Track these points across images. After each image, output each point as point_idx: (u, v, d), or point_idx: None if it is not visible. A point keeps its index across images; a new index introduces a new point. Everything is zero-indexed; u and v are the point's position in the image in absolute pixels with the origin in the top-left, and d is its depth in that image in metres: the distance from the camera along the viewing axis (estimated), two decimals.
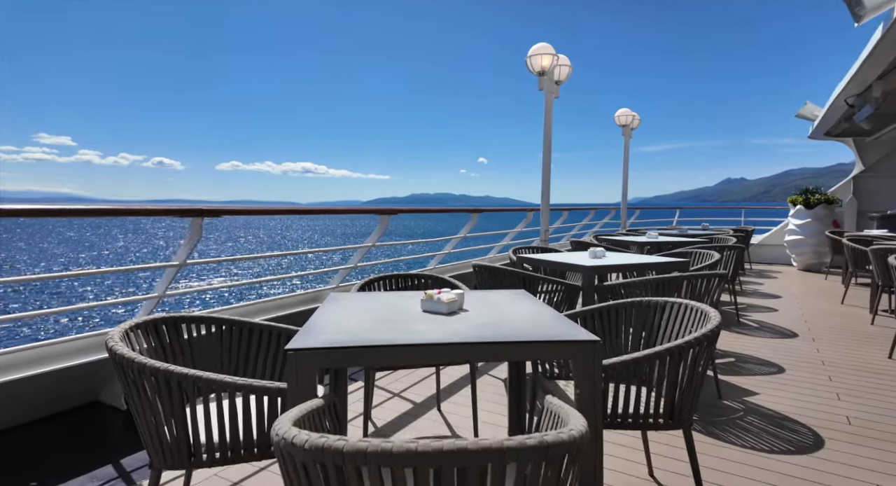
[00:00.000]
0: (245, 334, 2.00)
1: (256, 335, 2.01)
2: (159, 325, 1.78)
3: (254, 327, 2.01)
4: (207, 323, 1.93)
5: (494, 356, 1.51)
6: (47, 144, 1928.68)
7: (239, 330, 2.00)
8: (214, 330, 1.96)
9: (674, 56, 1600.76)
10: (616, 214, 9.60)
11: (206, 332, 1.94)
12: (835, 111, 7.15)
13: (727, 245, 5.15)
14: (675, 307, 2.12)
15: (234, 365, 1.97)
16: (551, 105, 6.14)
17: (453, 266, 5.34)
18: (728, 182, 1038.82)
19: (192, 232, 2.43)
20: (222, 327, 1.97)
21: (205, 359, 1.91)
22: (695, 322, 1.97)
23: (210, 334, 1.95)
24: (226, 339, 1.97)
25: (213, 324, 1.94)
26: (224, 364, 1.95)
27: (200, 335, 1.92)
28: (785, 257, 9.56)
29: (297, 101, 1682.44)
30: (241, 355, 1.98)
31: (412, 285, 2.95)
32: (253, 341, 2.01)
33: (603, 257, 3.90)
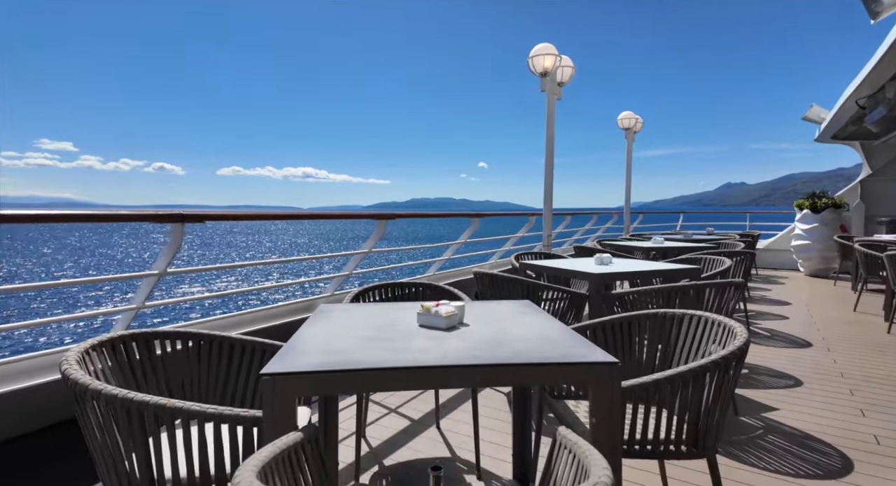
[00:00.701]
0: (225, 350, 1.83)
1: (238, 351, 1.84)
2: (128, 342, 1.61)
3: (235, 342, 1.84)
4: (183, 338, 1.76)
5: (498, 380, 1.34)
6: (49, 149, 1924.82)
7: (218, 346, 1.83)
8: (192, 345, 1.79)
9: (673, 61, 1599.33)
10: (619, 218, 9.43)
11: (182, 347, 1.77)
12: (844, 113, 7.00)
13: (737, 251, 4.98)
14: (693, 321, 1.95)
15: (213, 386, 1.80)
16: (554, 107, 6.00)
17: (454, 272, 5.17)
18: (728, 186, 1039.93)
19: (173, 239, 2.27)
20: (200, 342, 1.80)
21: (179, 379, 1.74)
22: (717, 338, 1.81)
23: (186, 351, 1.78)
24: (203, 356, 1.80)
25: (189, 339, 1.77)
26: (201, 385, 1.78)
27: (176, 352, 1.76)
28: (791, 262, 9.39)
29: (297, 105, 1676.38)
30: (221, 374, 1.81)
31: (409, 295, 2.78)
32: (234, 358, 1.84)
33: (609, 264, 3.74)
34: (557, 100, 6.14)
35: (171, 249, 2.28)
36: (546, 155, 5.89)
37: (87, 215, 2.04)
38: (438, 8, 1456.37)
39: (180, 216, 2.19)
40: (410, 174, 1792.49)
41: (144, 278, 2.31)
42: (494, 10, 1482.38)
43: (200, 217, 2.28)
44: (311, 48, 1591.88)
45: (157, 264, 2.29)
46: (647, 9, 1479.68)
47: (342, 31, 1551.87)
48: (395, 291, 2.75)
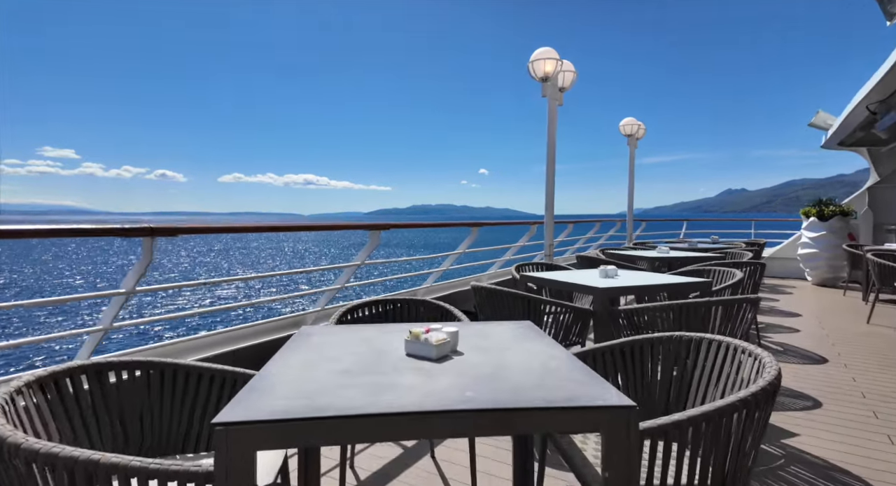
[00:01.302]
0: (192, 379, 1.64)
1: (206, 381, 1.65)
2: (75, 375, 1.42)
3: (203, 371, 1.65)
4: (143, 368, 1.57)
5: (496, 428, 1.14)
6: (51, 156, 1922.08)
7: (184, 375, 1.64)
8: (153, 374, 1.60)
9: (673, 68, 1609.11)
10: (621, 226, 9.25)
11: (141, 376, 1.58)
12: (854, 119, 6.84)
13: (747, 262, 4.79)
14: (713, 346, 1.76)
15: (176, 423, 1.61)
16: (555, 113, 5.84)
17: (452, 283, 4.98)
18: (729, 193, 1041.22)
19: (143, 254, 2.09)
20: (162, 372, 1.61)
21: (136, 416, 1.55)
22: (741, 367, 1.61)
23: (147, 381, 1.59)
24: (166, 387, 1.61)
25: (149, 369, 1.58)
26: (163, 421, 1.59)
27: (133, 382, 1.57)
28: (798, 271, 9.18)
29: (299, 113, 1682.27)
30: (186, 407, 1.62)
31: (401, 312, 2.59)
32: (201, 389, 1.65)
33: (615, 277, 3.55)
34: (559, 105, 5.99)
35: (141, 264, 2.10)
36: (547, 162, 5.73)
37: (47, 230, 1.86)
38: (439, 14, 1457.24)
39: (149, 230, 2.01)
40: (411, 181, 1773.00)
41: (113, 297, 2.13)
42: (494, 17, 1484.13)
43: (172, 230, 2.09)
44: (312, 56, 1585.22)
45: (126, 281, 2.11)
46: (646, 14, 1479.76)
47: (342, 41, 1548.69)
48: (386, 308, 2.56)
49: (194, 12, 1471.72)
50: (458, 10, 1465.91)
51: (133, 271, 2.12)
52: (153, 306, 22.00)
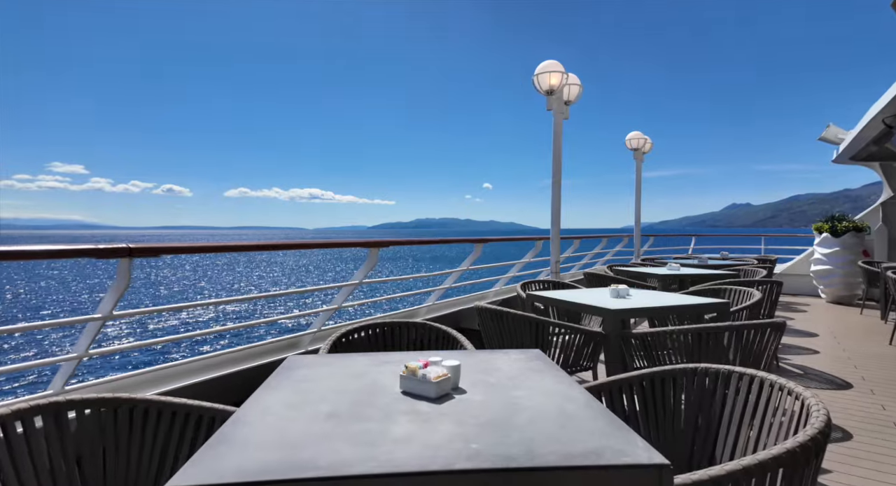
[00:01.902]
0: (165, 417, 1.48)
1: (180, 419, 1.49)
2: (27, 418, 1.26)
3: (177, 408, 1.49)
4: (108, 406, 1.41)
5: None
6: (61, 172, 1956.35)
7: (156, 414, 1.47)
8: (120, 412, 1.44)
9: (677, 82, 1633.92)
10: (629, 241, 9.07)
11: (107, 413, 1.42)
12: (868, 133, 6.68)
13: (762, 280, 4.60)
14: (744, 382, 1.58)
15: (146, 466, 1.44)
16: (560, 127, 5.72)
17: (454, 302, 4.81)
18: (734, 207, 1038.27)
19: (120, 276, 1.94)
20: (131, 410, 1.45)
21: (97, 458, 1.38)
22: (778, 408, 1.43)
23: (114, 419, 1.43)
24: (136, 425, 1.45)
25: (116, 407, 1.42)
26: (130, 465, 1.42)
27: (97, 420, 1.40)
28: (811, 288, 8.94)
29: (305, 128, 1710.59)
30: (157, 449, 1.45)
31: (400, 336, 2.42)
32: (175, 429, 1.48)
33: (627, 297, 3.37)
34: (564, 119, 5.87)
35: (118, 287, 1.95)
36: (553, 177, 5.59)
37: (16, 253, 1.72)
38: (443, 31, 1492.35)
39: (126, 250, 1.86)
40: (415, 195, 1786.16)
41: (88, 323, 1.97)
42: (499, 32, 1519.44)
43: (153, 250, 1.95)
44: (317, 71, 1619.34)
45: (102, 305, 1.96)
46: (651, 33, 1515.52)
47: (348, 52, 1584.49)
48: (384, 332, 2.39)
49: (200, 30, 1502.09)
50: (461, 25, 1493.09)
51: (109, 294, 1.97)
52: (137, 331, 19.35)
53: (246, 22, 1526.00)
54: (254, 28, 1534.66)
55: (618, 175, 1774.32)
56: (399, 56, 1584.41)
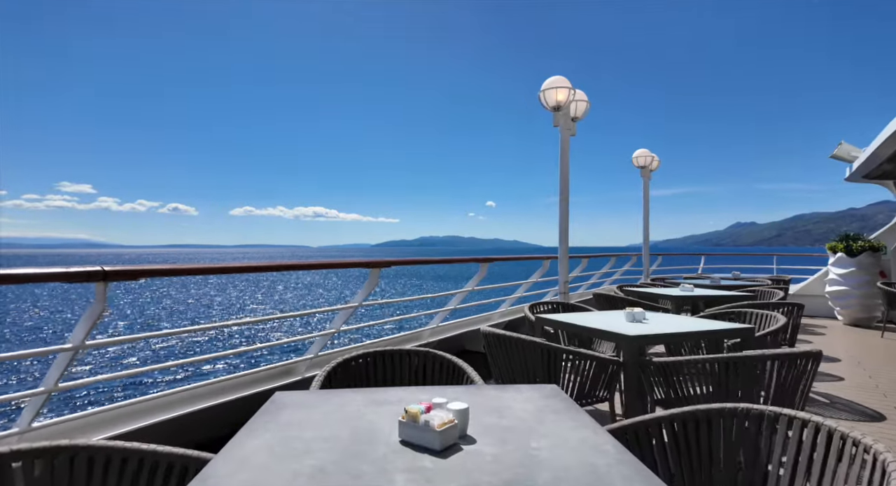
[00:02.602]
0: (130, 469, 1.29)
1: (148, 471, 1.30)
2: None
3: (146, 456, 1.30)
4: (64, 454, 1.22)
5: None
6: (69, 191, 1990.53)
7: (120, 463, 1.28)
8: (78, 461, 1.25)
9: (680, 103, 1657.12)
10: (637, 260, 8.86)
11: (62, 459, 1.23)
12: (884, 151, 6.52)
13: (783, 302, 4.38)
14: (796, 426, 1.38)
15: None
16: (568, 143, 5.59)
17: (459, 324, 4.61)
18: (738, 226, 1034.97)
19: (95, 302, 1.77)
20: (91, 458, 1.26)
21: None
22: (840, 464, 1.22)
23: (69, 473, 1.24)
24: (95, 479, 1.25)
25: (73, 456, 1.23)
26: None
27: (55, 475, 1.22)
28: (826, 310, 8.66)
29: (309, 147, 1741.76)
30: None
31: (401, 366, 2.23)
32: (141, 481, 1.29)
33: (644, 321, 3.16)
34: (571, 135, 5.75)
35: (92, 314, 1.77)
36: (560, 194, 5.44)
37: None
38: (446, 50, 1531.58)
39: (101, 273, 1.68)
40: (419, 213, 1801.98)
41: (59, 354, 1.79)
42: (500, 50, 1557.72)
43: (131, 273, 1.77)
44: (322, 92, 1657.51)
45: (74, 334, 1.78)
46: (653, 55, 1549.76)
47: (353, 76, 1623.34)
48: (384, 360, 2.20)
49: (202, 52, 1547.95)
50: (464, 45, 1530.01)
51: (83, 321, 1.79)
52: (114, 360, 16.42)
53: (249, 42, 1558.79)
54: (257, 47, 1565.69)
55: (620, 192, 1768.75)
56: (402, 75, 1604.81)
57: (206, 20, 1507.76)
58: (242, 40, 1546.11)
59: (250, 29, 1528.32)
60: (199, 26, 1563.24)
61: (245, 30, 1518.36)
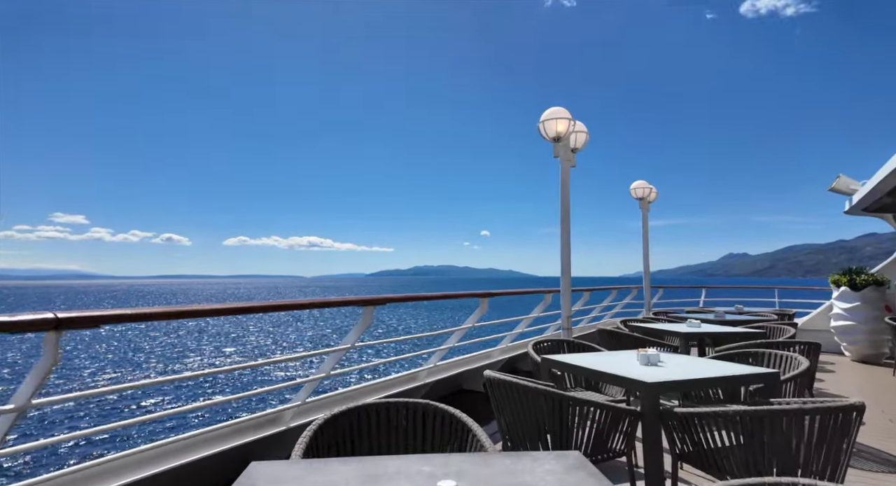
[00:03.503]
0: None
1: None
2: None
3: None
4: None
5: None
6: (62, 222, 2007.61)
7: None
8: None
9: (673, 136, 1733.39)
10: (638, 293, 8.66)
11: None
12: (885, 185, 6.46)
13: (797, 341, 4.17)
14: None
15: None
16: (568, 174, 5.48)
17: (458, 362, 4.34)
18: (731, 257, 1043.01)
19: (46, 354, 1.52)
20: None
21: None
22: None
23: None
24: None
25: None
26: None
27: None
28: (832, 345, 8.44)
29: (304, 176, 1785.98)
30: None
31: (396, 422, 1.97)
32: None
33: (659, 364, 2.93)
34: (572, 167, 5.65)
35: (42, 368, 1.52)
36: (561, 226, 5.27)
37: None
38: (440, 79, 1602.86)
39: (53, 321, 1.44)
40: (414, 243, 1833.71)
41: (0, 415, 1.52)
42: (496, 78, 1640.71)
43: (90, 320, 1.52)
44: (319, 121, 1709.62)
45: (20, 392, 1.53)
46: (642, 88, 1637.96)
47: (347, 105, 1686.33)
48: (378, 416, 1.95)
49: (199, 80, 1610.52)
50: (458, 70, 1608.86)
51: (31, 376, 1.54)
52: (71, 419, 13.42)
53: (243, 71, 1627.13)
54: (251, 75, 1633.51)
55: (615, 222, 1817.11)
56: (401, 107, 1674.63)
57: (199, 49, 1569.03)
58: (238, 69, 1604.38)
59: (246, 56, 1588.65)
60: (192, 55, 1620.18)
61: (242, 57, 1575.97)
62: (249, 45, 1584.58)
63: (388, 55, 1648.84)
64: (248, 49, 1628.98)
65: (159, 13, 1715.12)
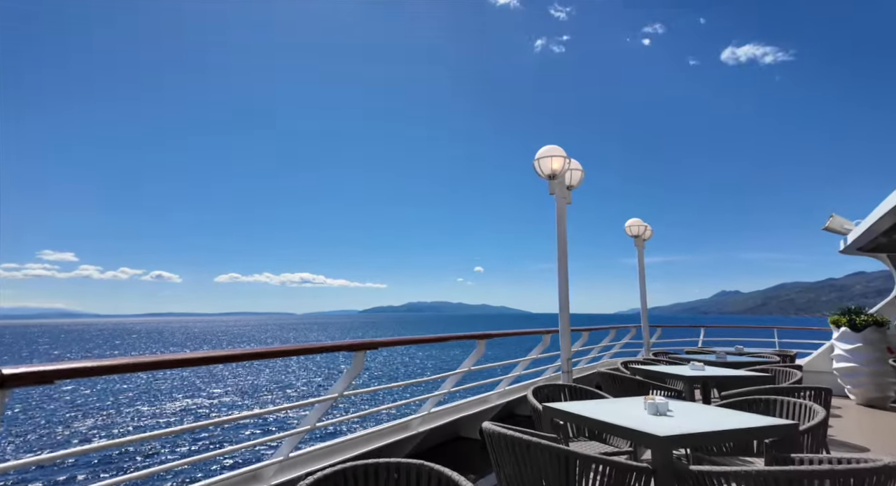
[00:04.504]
0: None
1: None
2: None
3: None
4: None
5: None
6: (49, 260, 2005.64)
7: None
8: None
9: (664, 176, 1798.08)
10: (637, 332, 8.47)
11: None
12: (880, 225, 6.46)
13: (807, 386, 4.00)
14: None
15: None
16: (564, 211, 5.42)
17: (454, 409, 4.10)
18: (723, 294, 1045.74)
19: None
20: None
21: None
22: None
23: None
24: None
25: None
26: None
27: None
28: (836, 387, 8.23)
29: (298, 212, 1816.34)
30: None
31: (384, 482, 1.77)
32: None
33: (668, 414, 2.74)
34: (567, 204, 5.60)
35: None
36: (558, 263, 5.15)
37: None
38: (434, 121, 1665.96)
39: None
40: (407, 278, 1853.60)
41: None
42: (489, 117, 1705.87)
43: (41, 376, 1.32)
44: (312, 155, 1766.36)
45: None
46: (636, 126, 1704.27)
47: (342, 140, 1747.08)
48: (366, 478, 1.74)
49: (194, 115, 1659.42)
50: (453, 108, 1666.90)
51: None
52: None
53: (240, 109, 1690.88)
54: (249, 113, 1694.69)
55: (610, 259, 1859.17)
56: (398, 142, 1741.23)
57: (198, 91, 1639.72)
58: (238, 108, 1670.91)
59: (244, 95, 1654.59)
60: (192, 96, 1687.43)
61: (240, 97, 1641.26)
62: (251, 69, 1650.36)
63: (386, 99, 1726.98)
64: (247, 73, 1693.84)
65: (160, 55, 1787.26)
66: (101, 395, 24.47)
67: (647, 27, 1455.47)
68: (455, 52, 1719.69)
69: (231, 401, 22.70)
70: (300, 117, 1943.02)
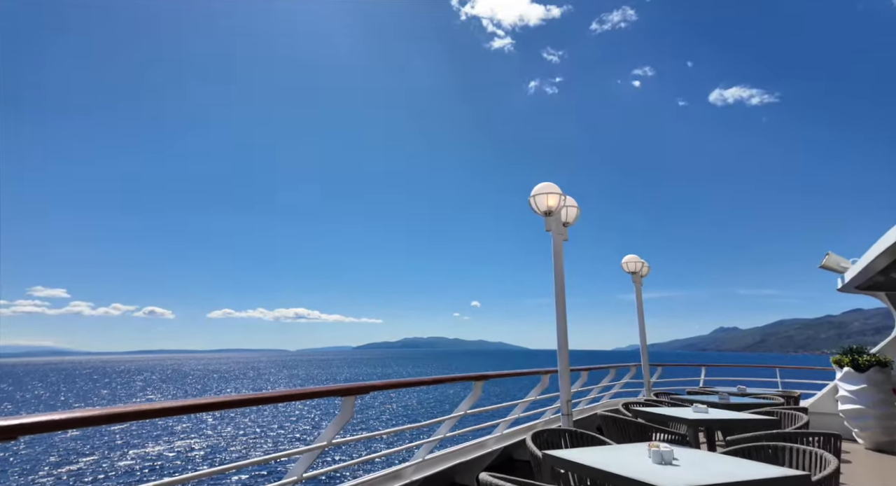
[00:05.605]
0: None
1: None
2: None
3: None
4: None
5: None
6: (40, 296, 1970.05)
7: None
8: None
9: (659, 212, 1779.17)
10: (637, 371, 8.28)
11: None
12: (877, 264, 6.44)
13: (817, 432, 3.86)
14: None
15: None
16: (561, 248, 5.39)
17: (448, 455, 3.91)
18: (721, 331, 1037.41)
19: None
20: None
21: None
22: None
23: None
24: None
25: None
26: None
27: None
28: (843, 429, 7.99)
29: (293, 248, 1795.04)
30: None
31: None
32: None
33: (674, 463, 2.61)
34: (564, 241, 5.57)
35: None
36: (556, 300, 5.07)
37: None
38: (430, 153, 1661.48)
39: None
40: (403, 313, 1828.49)
41: None
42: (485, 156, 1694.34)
43: (5, 432, 1.21)
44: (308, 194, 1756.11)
45: None
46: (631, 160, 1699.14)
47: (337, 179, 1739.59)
48: None
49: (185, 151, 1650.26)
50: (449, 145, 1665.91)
51: None
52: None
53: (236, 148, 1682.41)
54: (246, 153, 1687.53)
55: (607, 294, 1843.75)
56: (393, 183, 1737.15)
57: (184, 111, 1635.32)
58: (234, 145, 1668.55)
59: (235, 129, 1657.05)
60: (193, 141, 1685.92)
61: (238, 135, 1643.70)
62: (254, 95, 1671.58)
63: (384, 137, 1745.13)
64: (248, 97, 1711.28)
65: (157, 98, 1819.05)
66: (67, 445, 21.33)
67: (636, 70, 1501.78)
68: (451, 92, 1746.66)
69: (212, 448, 20.64)
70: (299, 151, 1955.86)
